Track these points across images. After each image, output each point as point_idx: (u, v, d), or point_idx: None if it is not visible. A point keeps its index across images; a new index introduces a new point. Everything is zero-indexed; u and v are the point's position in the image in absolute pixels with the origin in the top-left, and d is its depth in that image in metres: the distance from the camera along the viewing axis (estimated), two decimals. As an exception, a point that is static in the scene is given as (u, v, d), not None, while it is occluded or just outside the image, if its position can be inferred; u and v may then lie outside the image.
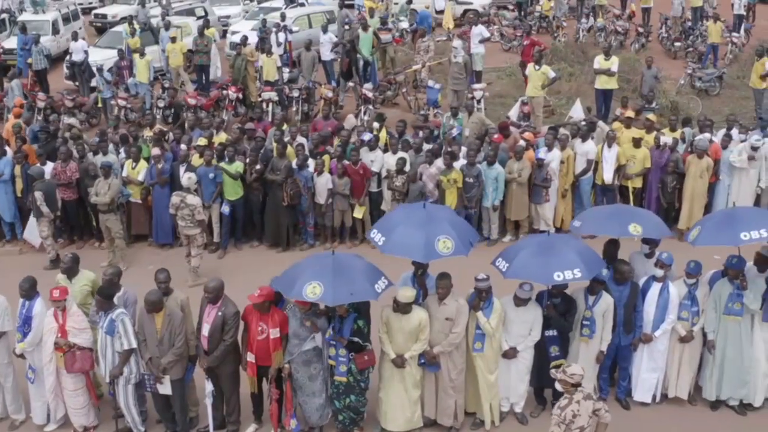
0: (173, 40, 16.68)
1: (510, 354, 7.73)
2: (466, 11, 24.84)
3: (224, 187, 11.43)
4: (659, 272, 7.93)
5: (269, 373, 7.59)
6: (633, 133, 11.94)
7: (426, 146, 11.79)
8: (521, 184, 11.40)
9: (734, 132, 12.19)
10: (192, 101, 15.81)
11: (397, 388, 7.66)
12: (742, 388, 8.10)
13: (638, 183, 11.80)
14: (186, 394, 7.93)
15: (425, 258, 7.49)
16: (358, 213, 11.64)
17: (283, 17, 18.56)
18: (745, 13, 22.57)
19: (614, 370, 8.42)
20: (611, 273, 8.01)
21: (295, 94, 15.94)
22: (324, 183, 11.45)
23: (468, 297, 7.65)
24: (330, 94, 15.86)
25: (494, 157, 11.36)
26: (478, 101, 15.87)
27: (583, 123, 12.28)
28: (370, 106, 15.75)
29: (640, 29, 21.99)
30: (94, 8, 25.92)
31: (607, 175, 11.68)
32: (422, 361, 7.58)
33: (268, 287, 7.40)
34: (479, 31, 16.62)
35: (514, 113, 14.03)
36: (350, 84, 16.29)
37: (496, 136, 11.79)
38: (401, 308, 7.35)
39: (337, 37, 17.54)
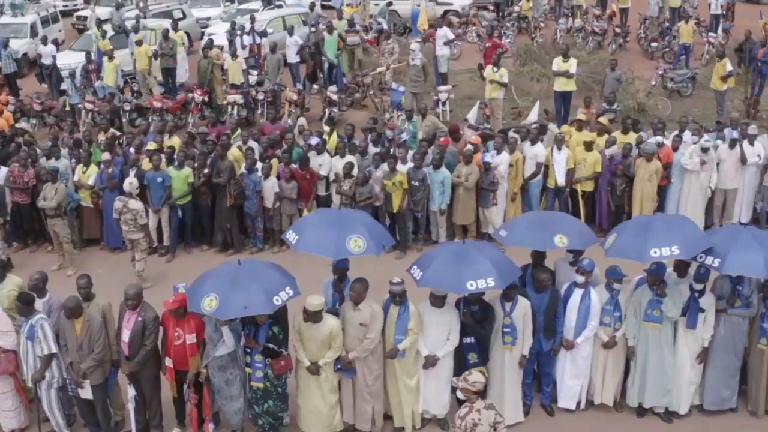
0: (139, 43, 16.73)
1: (430, 361, 7.72)
2: (446, 12, 24.86)
3: (173, 191, 11.49)
4: (580, 279, 7.93)
5: (187, 378, 7.65)
6: (584, 137, 11.89)
7: (374, 149, 11.78)
8: (468, 188, 11.38)
9: (687, 134, 12.12)
10: (157, 104, 15.89)
11: (314, 394, 7.67)
12: (664, 396, 8.04)
13: (589, 187, 11.76)
14: (108, 399, 7.98)
15: (335, 255, 7.57)
16: (307, 217, 11.66)
17: (252, 20, 18.58)
18: (722, 13, 22.42)
19: (539, 376, 8.43)
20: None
21: (261, 97, 15.98)
22: (271, 187, 11.47)
23: (384, 303, 7.69)
24: (295, 97, 15.91)
25: (440, 160, 11.34)
26: (444, 103, 15.92)
27: (534, 126, 12.24)
28: (335, 109, 15.78)
29: (617, 30, 21.89)
30: (77, 10, 26.05)
31: (560, 177, 11.65)
32: (338, 366, 7.60)
33: (183, 293, 7.44)
34: (443, 33, 16.60)
35: (472, 116, 14.00)
36: (315, 87, 16.29)
37: (442, 139, 11.77)
38: (311, 317, 7.36)
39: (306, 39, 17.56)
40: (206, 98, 16.22)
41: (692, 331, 7.89)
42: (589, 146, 11.55)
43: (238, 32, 17.51)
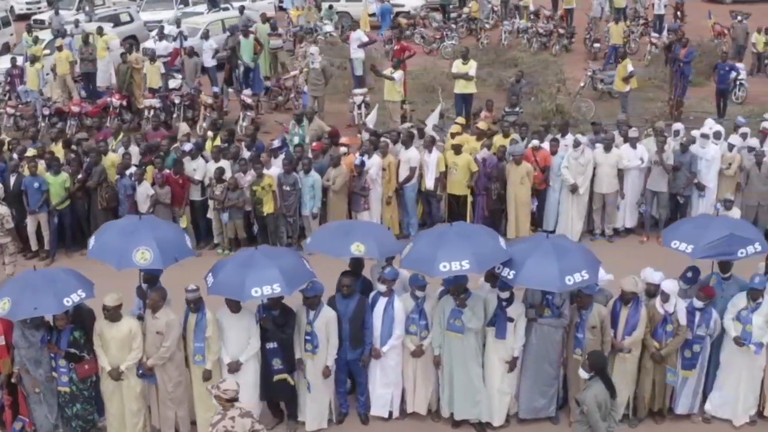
0: (59, 48, 16.90)
1: (233, 367, 7.73)
2: (398, 13, 24.80)
3: (51, 197, 11.60)
4: (382, 287, 7.87)
5: None
6: (459, 140, 11.80)
7: (247, 154, 11.82)
8: (337, 192, 11.35)
9: (568, 137, 11.95)
10: (75, 109, 16.04)
11: (117, 400, 7.73)
12: (474, 407, 7.92)
13: (462, 190, 11.66)
14: None
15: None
16: (183, 222, 11.71)
17: (178, 23, 18.68)
18: (664, 13, 22.09)
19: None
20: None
21: (177, 100, 16.07)
22: (143, 191, 11.52)
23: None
24: (210, 101, 15.98)
25: (308, 164, 11.34)
26: (359, 106, 15.88)
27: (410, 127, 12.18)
28: (248, 112, 15.83)
29: (561, 30, 21.68)
30: (36, 13, 26.32)
31: (429, 181, 11.58)
32: (140, 372, 7.67)
33: None
34: (358, 36, 16.58)
35: (371, 119, 13.95)
36: (230, 90, 16.36)
37: (315, 143, 11.77)
38: (110, 314, 7.47)
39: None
40: (125, 102, 16.35)
41: (502, 341, 7.79)
42: (458, 150, 11.45)
43: (156, 37, 17.62)
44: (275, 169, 11.51)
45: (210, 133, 12.73)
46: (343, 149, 11.62)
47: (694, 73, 19.07)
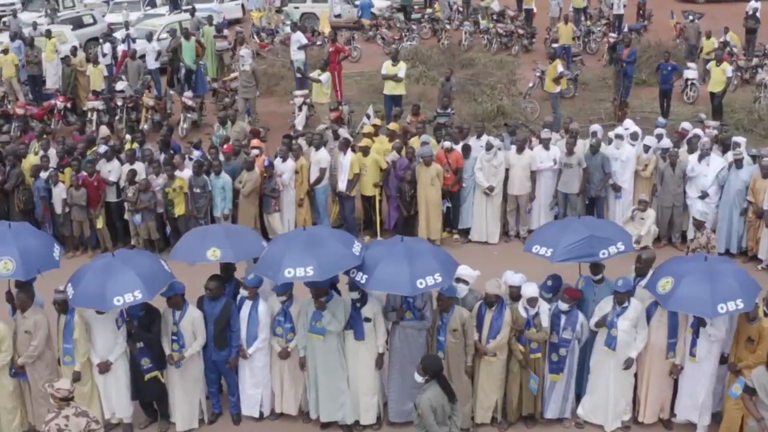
0: (5, 52, 17.03)
1: (103, 367, 7.77)
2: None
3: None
4: (244, 291, 7.90)
5: None
6: (366, 142, 11.78)
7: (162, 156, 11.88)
8: (248, 195, 11.36)
9: (483, 139, 11.91)
10: (20, 111, 16.16)
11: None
12: (338, 410, 7.92)
13: (372, 191, 11.64)
14: None
15: None
16: (98, 223, 11.80)
17: (126, 26, 18.80)
18: (623, 13, 21.94)
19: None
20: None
21: (120, 103, 16.15)
22: (59, 194, 11.61)
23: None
24: (151, 103, 16.07)
25: (219, 166, 11.38)
26: (300, 108, 15.89)
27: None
28: (189, 114, 15.91)
29: (521, 31, 21.60)
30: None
31: (341, 183, 11.57)
32: (13, 370, 7.75)
33: None
34: (297, 38, 16.61)
35: (299, 120, 13.98)
36: (171, 92, 16.45)
37: (225, 146, 11.81)
38: None
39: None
40: (69, 105, 16.46)
41: (363, 342, 7.79)
42: (365, 151, 11.44)
43: (100, 40, 17.73)
44: (188, 171, 11.57)
45: (128, 136, 12.79)
46: (255, 151, 11.63)
47: (648, 72, 19.07)
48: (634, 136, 11.84)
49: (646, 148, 11.65)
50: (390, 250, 7.47)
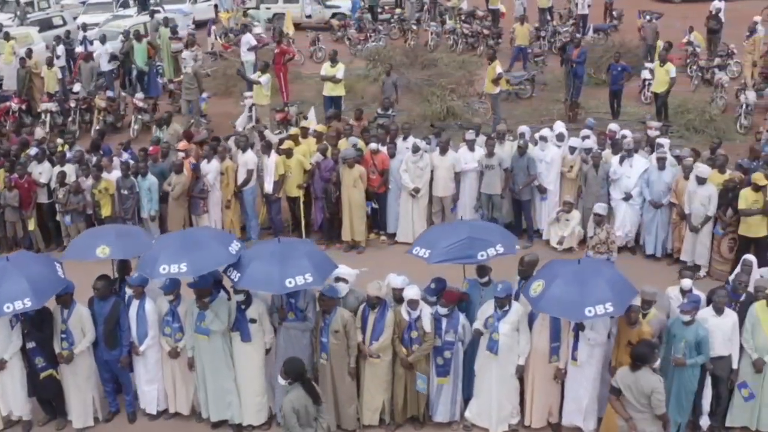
0: (-39, 55, 17.27)
1: (-1, 366, 7.92)
2: (334, 14, 24.89)
3: None
4: (129, 291, 8.01)
5: None
6: (289, 144, 11.82)
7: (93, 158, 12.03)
8: (176, 198, 11.46)
9: (410, 140, 11.95)
10: (-27, 113, 16.37)
11: None
12: (226, 409, 8.02)
13: (296, 193, 11.71)
14: None
15: None
16: (30, 225, 11.96)
17: (84, 28, 18.95)
18: (588, 13, 21.86)
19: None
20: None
21: (73, 104, 16.31)
22: (-8, 195, 11.81)
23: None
24: (103, 105, 16.22)
25: (145, 168, 11.51)
26: (250, 108, 15.97)
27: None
28: (140, 115, 16.05)
29: (486, 32, 21.57)
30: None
31: (267, 185, 11.66)
32: None
33: None
34: (247, 39, 16.72)
35: (241, 122, 14.08)
36: (123, 94, 16.60)
37: (152, 148, 11.94)
38: None
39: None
40: (24, 107, 16.63)
41: (250, 344, 7.85)
42: (288, 153, 11.51)
43: (54, 42, 17.90)
44: (116, 172, 11.70)
45: (60, 140, 12.95)
46: (180, 154, 11.74)
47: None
48: (559, 138, 11.85)
49: (572, 150, 11.65)
50: (265, 249, 7.59)
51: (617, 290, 7.18)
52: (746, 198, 10.20)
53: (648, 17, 19.92)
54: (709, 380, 7.77)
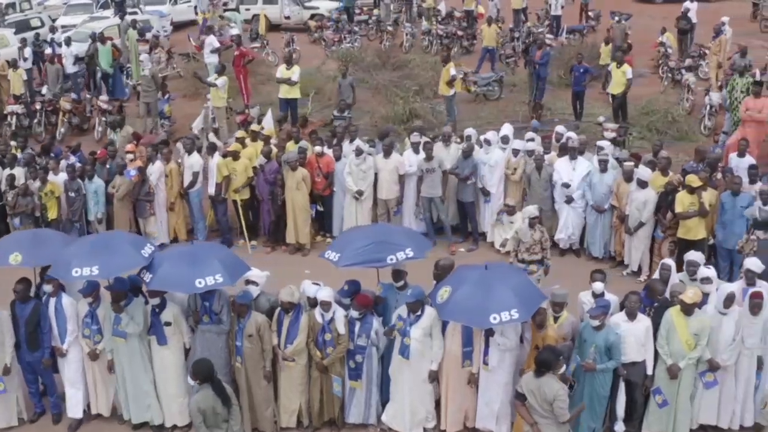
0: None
1: None
2: (313, 15, 24.94)
3: None
4: (48, 287, 8.07)
5: None
6: (236, 147, 11.89)
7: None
8: (121, 199, 11.55)
9: (356, 142, 11.98)
10: (-59, 115, 16.52)
11: None
12: (146, 411, 8.11)
13: (245, 195, 11.78)
14: None
15: None
16: (-20, 228, 12.11)
17: (53, 30, 19.07)
18: (561, 14, 21.81)
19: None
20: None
21: (38, 106, 16.43)
22: (-60, 198, 11.94)
23: None
24: (68, 107, 16.33)
25: (92, 170, 11.61)
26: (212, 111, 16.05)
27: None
28: (104, 117, 16.15)
29: (460, 33, 21.57)
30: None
31: (210, 187, 11.74)
32: None
33: None
34: (210, 41, 16.80)
35: (197, 125, 14.16)
36: (88, 96, 16.71)
37: (100, 151, 12.04)
38: None
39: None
40: (-11, 109, 16.78)
41: (167, 347, 7.91)
42: (235, 156, 11.58)
43: (19, 44, 18.03)
44: (64, 175, 11.80)
45: (13, 143, 13.06)
46: (129, 156, 11.83)
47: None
48: (504, 140, 11.86)
49: (515, 152, 11.67)
50: (177, 251, 7.69)
51: (524, 296, 7.20)
52: (682, 201, 10.20)
53: (617, 18, 19.85)
54: (622, 386, 7.76)
